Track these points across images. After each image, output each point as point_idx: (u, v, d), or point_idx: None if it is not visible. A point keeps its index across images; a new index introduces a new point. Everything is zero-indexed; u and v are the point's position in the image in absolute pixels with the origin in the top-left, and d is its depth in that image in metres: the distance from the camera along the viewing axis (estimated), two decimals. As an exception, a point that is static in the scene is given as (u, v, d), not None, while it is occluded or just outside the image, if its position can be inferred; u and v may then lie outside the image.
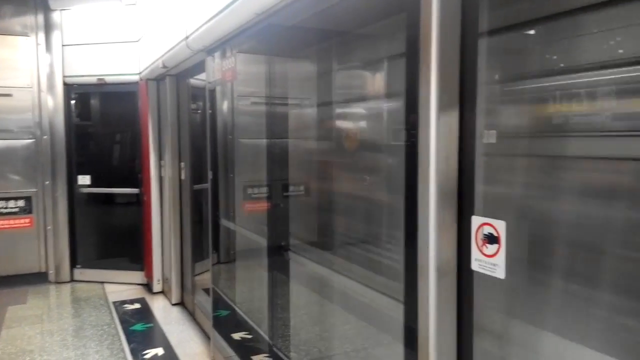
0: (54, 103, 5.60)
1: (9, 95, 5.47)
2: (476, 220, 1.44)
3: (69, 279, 5.75)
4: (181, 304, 5.00)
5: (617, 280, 1.61)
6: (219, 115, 4.38)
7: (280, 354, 3.12)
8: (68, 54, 5.58)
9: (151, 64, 4.59)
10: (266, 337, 3.24)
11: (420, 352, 1.52)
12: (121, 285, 5.59)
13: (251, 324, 3.60)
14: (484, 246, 1.42)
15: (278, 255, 3.11)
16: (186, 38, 3.32)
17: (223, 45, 3.20)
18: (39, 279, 5.65)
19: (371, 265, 3.16)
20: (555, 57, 1.84)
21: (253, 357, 3.26)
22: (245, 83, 3.70)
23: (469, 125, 1.47)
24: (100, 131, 5.90)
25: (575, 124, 1.77)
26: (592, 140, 1.70)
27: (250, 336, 3.54)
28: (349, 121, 3.73)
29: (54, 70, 5.58)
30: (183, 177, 4.90)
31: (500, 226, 1.38)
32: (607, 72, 1.62)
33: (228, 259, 5.14)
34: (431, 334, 1.49)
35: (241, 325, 3.66)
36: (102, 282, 5.68)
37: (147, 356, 3.81)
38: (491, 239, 1.41)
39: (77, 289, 5.52)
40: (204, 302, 4.39)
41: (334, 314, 3.60)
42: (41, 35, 5.53)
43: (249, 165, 3.89)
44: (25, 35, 5.50)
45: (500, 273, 1.38)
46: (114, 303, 5.02)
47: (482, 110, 1.46)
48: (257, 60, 3.37)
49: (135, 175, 5.57)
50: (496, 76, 1.90)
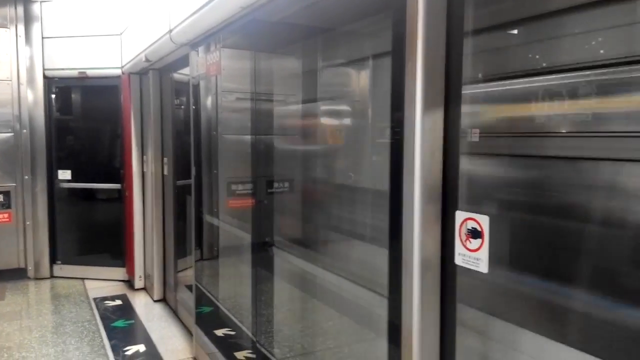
0: (34, 96, 5.49)
1: (-13, 88, 5.36)
2: (460, 215, 1.45)
3: (48, 275, 5.66)
4: (163, 300, 4.95)
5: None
6: (203, 111, 4.35)
7: (263, 350, 3.11)
8: (48, 47, 5.49)
9: (134, 58, 4.54)
10: (249, 334, 3.23)
11: (404, 346, 1.53)
12: (102, 282, 5.53)
13: (234, 320, 3.58)
14: (468, 241, 1.44)
15: (262, 251, 3.10)
16: (170, 31, 3.29)
17: (207, 39, 3.17)
18: (17, 275, 5.55)
19: (354, 261, 3.17)
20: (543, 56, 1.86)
21: (236, 354, 3.25)
22: (230, 79, 3.67)
23: (453, 122, 1.48)
24: (81, 125, 5.81)
25: (558, 123, 1.80)
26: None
27: (233, 332, 3.52)
28: (334, 118, 3.73)
29: (34, 63, 5.48)
30: (166, 173, 4.86)
31: (483, 221, 1.39)
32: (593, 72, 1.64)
33: (211, 255, 5.11)
34: (414, 328, 1.50)
35: (224, 322, 3.64)
36: (83, 279, 5.60)
37: (128, 353, 3.77)
38: (475, 233, 1.42)
39: (57, 285, 5.44)
40: (187, 299, 4.36)
41: (317, 310, 3.61)
42: (21, 27, 5.41)
43: (233, 161, 3.87)
44: (4, 27, 5.38)
45: (484, 267, 1.40)
46: (95, 299, 4.96)
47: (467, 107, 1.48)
48: (242, 56, 3.34)
49: (117, 170, 5.50)
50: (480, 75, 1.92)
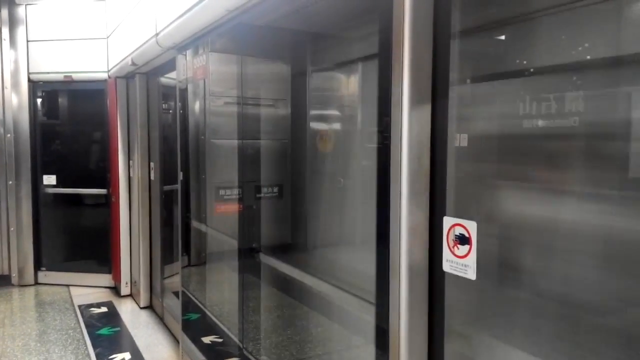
0: (19, 100, 5.42)
1: (-29, 92, 5.28)
2: (448, 221, 1.44)
3: (33, 282, 5.57)
4: (150, 307, 4.89)
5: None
6: (191, 115, 4.31)
7: (251, 357, 3.07)
8: (33, 50, 5.42)
9: (120, 62, 4.49)
10: (237, 341, 3.19)
11: (392, 353, 1.51)
12: (88, 289, 5.44)
13: (222, 327, 3.54)
14: (455, 247, 1.42)
15: (250, 257, 3.07)
16: (156, 35, 3.25)
17: (194, 42, 3.14)
18: (1, 282, 5.46)
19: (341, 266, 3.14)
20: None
21: (223, 361, 3.21)
22: (218, 83, 3.64)
23: (441, 125, 1.47)
24: (67, 130, 5.74)
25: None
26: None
27: (220, 340, 3.48)
28: (322, 122, 3.72)
29: (19, 67, 5.40)
30: (153, 178, 4.80)
31: (471, 227, 1.38)
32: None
33: (199, 261, 5.06)
34: (402, 335, 1.48)
35: (211, 329, 3.60)
36: (68, 285, 5.51)
37: (114, 361, 3.71)
38: (462, 239, 1.40)
39: (42, 292, 5.35)
40: (174, 306, 4.30)
41: (306, 317, 3.57)
42: (5, 31, 5.35)
43: (222, 166, 3.83)
44: (-12, 30, 5.32)
45: (472, 274, 1.38)
46: (80, 307, 4.88)
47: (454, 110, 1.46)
48: (230, 60, 3.32)
49: (103, 175, 5.43)
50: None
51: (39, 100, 5.57)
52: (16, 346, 3.94)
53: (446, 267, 1.45)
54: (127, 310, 4.83)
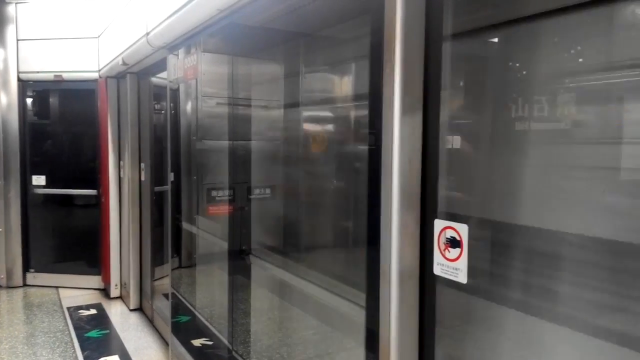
0: (8, 100, 5.36)
1: (-41, 91, 5.22)
2: (439, 224, 1.42)
3: (21, 283, 5.50)
4: (140, 309, 4.84)
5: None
6: (182, 116, 4.27)
7: (241, 360, 3.05)
8: (23, 49, 5.36)
9: (111, 61, 4.45)
10: (228, 344, 3.16)
11: (382, 357, 1.49)
12: (77, 290, 5.39)
13: (212, 330, 3.51)
14: (447, 250, 1.41)
15: (241, 259, 3.04)
16: (147, 34, 3.22)
17: (185, 42, 3.11)
18: (-12, 283, 5.39)
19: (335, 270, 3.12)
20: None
21: (213, 364, 3.18)
22: (210, 83, 3.61)
23: (432, 128, 1.45)
24: (57, 130, 5.68)
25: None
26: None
27: (211, 342, 3.45)
28: (315, 123, 3.70)
29: (8, 66, 5.34)
30: (143, 179, 4.76)
31: (462, 230, 1.36)
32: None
33: (190, 263, 5.02)
34: (393, 339, 1.46)
35: (202, 332, 3.57)
36: (57, 287, 5.45)
37: (102, 364, 3.66)
38: (453, 242, 1.39)
39: (30, 294, 5.28)
40: (164, 308, 4.26)
41: (298, 319, 3.55)
42: (-6, 29, 5.29)
43: (213, 167, 3.81)
44: (-23, 28, 5.26)
45: (463, 278, 1.36)
46: (69, 309, 4.82)
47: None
48: (222, 61, 3.30)
49: (93, 176, 5.38)
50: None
51: (28, 99, 5.51)
52: (3, 349, 3.88)
53: (437, 271, 1.43)
54: (117, 313, 4.78)
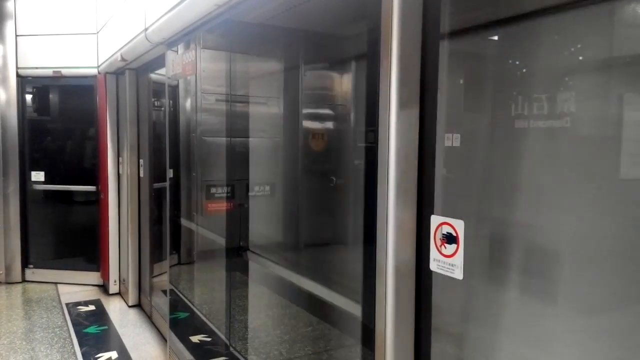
0: (7, 96, 5.35)
1: (-43, 86, 5.21)
2: (435, 220, 1.42)
3: (20, 279, 5.50)
4: (138, 305, 4.84)
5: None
6: (182, 112, 4.27)
7: (240, 357, 3.05)
8: (22, 45, 5.35)
9: (110, 57, 4.44)
10: (225, 340, 3.17)
11: (377, 353, 1.49)
12: (76, 286, 5.39)
13: (211, 326, 3.51)
14: (443, 246, 1.40)
15: (242, 256, 3.04)
16: (145, 30, 3.22)
17: (183, 38, 3.11)
18: (-13, 279, 5.40)
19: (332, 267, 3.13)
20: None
21: (211, 361, 3.18)
22: (209, 80, 3.61)
23: (429, 124, 1.45)
24: (56, 126, 5.67)
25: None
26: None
27: (209, 339, 3.45)
28: (315, 121, 3.70)
29: (7, 62, 5.33)
30: (142, 175, 4.76)
31: (458, 226, 1.36)
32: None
33: (189, 259, 5.02)
34: (389, 335, 1.46)
35: (200, 328, 3.57)
36: (56, 283, 5.46)
37: (100, 360, 3.67)
38: (450, 238, 1.39)
39: (29, 290, 5.29)
40: (162, 304, 4.27)
41: (298, 316, 3.56)
42: (-7, 25, 5.28)
43: (213, 163, 3.81)
44: (-25, 24, 5.25)
45: (459, 274, 1.36)
46: (67, 305, 4.82)
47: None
48: (221, 57, 3.29)
49: (92, 172, 5.38)
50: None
51: (27, 96, 5.51)
52: (1, 344, 3.89)
53: (433, 267, 1.43)
54: (115, 309, 4.78)
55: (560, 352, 1.60)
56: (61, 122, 5.66)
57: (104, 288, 5.32)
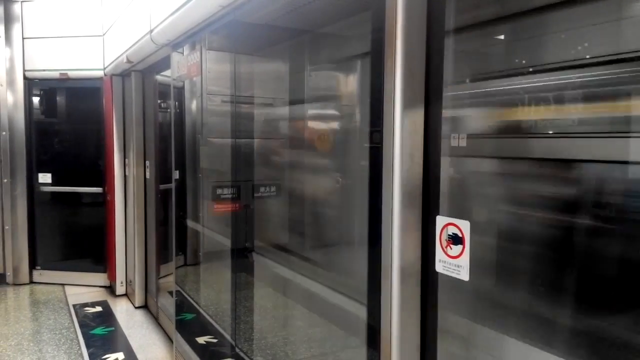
0: (14, 98, 5.39)
1: (-34, 89, 5.25)
2: (441, 221, 1.41)
3: (27, 280, 5.54)
4: (145, 307, 4.86)
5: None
6: (187, 113, 4.27)
7: (247, 359, 3.04)
8: (29, 48, 5.39)
9: (115, 59, 4.46)
10: (231, 341, 3.16)
11: (383, 354, 1.49)
12: (83, 288, 5.41)
13: (217, 327, 3.51)
14: (449, 247, 1.39)
15: (248, 258, 3.04)
16: (150, 31, 3.22)
17: (188, 39, 3.11)
18: (-5, 280, 5.43)
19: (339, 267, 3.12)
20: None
21: (217, 362, 3.18)
22: (215, 81, 3.61)
23: (434, 124, 1.44)
24: (62, 128, 5.70)
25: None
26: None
27: (215, 340, 3.45)
28: (321, 121, 3.69)
29: (14, 64, 5.37)
30: (148, 176, 4.77)
31: (464, 226, 1.35)
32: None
33: (195, 261, 5.03)
34: (394, 337, 1.45)
35: (206, 329, 3.57)
36: (63, 284, 5.48)
37: (107, 361, 3.68)
38: (455, 239, 1.38)
39: (36, 291, 5.32)
40: (168, 305, 4.27)
41: (307, 318, 3.54)
42: (0, 28, 5.32)
43: (219, 165, 3.81)
44: (-16, 27, 5.29)
45: (465, 275, 1.35)
46: (75, 306, 4.85)
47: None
48: (226, 59, 3.29)
49: (99, 173, 5.40)
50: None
51: (34, 98, 5.54)
52: (9, 345, 3.91)
53: (439, 268, 1.42)
54: (122, 310, 4.80)
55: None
56: (68, 124, 5.68)
57: (110, 289, 5.34)
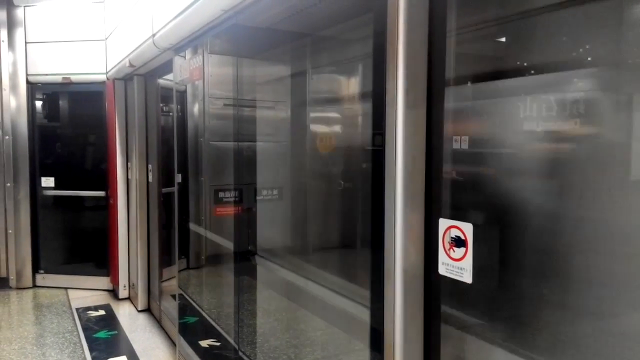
0: (17, 102, 5.40)
1: (-31, 94, 5.27)
2: (443, 223, 1.41)
3: (31, 284, 5.54)
4: (148, 310, 4.86)
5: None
6: (189, 117, 4.29)
7: (248, 361, 3.05)
8: (32, 52, 5.40)
9: (118, 63, 4.47)
10: (236, 345, 3.16)
11: (386, 357, 1.48)
12: (86, 291, 5.42)
13: (220, 330, 3.51)
14: (451, 249, 1.39)
15: (251, 261, 3.04)
16: (153, 36, 3.23)
17: (191, 43, 3.12)
18: (-1, 284, 5.44)
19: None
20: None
21: (220, 365, 3.18)
22: (216, 85, 3.62)
23: (436, 125, 1.44)
24: (65, 132, 5.71)
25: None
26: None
27: (218, 343, 3.45)
28: (323, 124, 3.69)
29: (17, 69, 5.39)
30: (151, 180, 4.78)
31: (467, 229, 1.35)
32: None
33: (198, 264, 5.03)
34: (397, 339, 1.45)
35: (209, 333, 3.57)
36: (66, 288, 5.49)
37: (110, 365, 3.68)
38: (458, 242, 1.37)
39: (39, 295, 5.32)
40: (171, 309, 4.27)
41: (311, 321, 3.54)
42: (3, 32, 5.33)
43: (221, 168, 3.81)
44: (-14, 32, 5.31)
45: (468, 277, 1.35)
46: (78, 310, 4.85)
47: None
48: (228, 62, 3.30)
49: (102, 177, 5.41)
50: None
51: (37, 102, 5.56)
52: (12, 349, 3.91)
53: (442, 270, 1.42)
54: (125, 314, 4.80)
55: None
56: (70, 128, 5.70)
57: (113, 293, 5.34)
